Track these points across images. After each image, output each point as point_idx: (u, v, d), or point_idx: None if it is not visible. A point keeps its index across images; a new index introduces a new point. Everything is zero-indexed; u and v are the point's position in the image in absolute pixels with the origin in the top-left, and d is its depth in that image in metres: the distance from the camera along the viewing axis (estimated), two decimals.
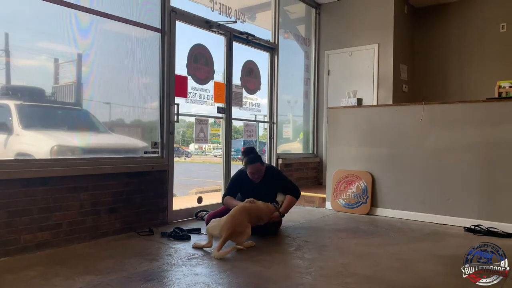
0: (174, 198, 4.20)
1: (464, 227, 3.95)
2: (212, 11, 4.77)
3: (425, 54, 6.53)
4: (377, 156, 4.73)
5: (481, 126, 4.05)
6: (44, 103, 3.33)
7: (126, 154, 3.80)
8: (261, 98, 5.65)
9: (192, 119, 4.57)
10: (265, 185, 3.76)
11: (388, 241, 3.51)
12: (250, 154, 3.78)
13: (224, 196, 3.83)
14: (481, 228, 3.83)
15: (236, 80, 5.11)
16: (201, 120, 4.57)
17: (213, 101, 4.75)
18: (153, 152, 3.99)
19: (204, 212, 4.25)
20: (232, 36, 4.95)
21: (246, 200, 3.48)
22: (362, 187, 4.77)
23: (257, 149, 5.91)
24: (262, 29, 5.72)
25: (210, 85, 4.70)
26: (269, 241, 3.42)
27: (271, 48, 5.73)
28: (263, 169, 3.76)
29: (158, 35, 4.02)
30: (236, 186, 3.82)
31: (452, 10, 6.28)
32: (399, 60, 6.05)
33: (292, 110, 6.46)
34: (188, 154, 15.90)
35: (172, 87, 4.10)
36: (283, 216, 3.74)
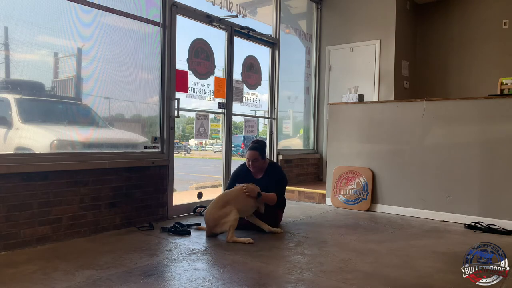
0: (174, 193, 4.19)
1: (465, 224, 3.96)
2: (213, 5, 4.74)
3: (426, 51, 6.51)
4: (377, 153, 4.72)
5: (483, 123, 4.03)
6: (44, 97, 3.31)
7: (126, 149, 3.79)
8: (262, 93, 5.63)
9: (192, 114, 4.55)
10: (266, 181, 3.75)
11: (388, 237, 3.51)
12: (255, 144, 3.84)
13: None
14: (481, 225, 3.83)
15: (237, 75, 5.09)
16: (202, 116, 4.55)
17: (213, 96, 4.73)
18: (153, 147, 3.98)
19: (203, 208, 4.26)
20: (233, 31, 4.93)
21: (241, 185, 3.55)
22: (362, 184, 4.76)
23: None
24: (263, 24, 5.69)
25: (210, 80, 4.68)
26: (269, 236, 3.42)
27: (272, 43, 5.70)
28: (259, 161, 3.76)
29: (159, 29, 4.00)
30: (236, 182, 3.81)
31: (454, 7, 6.25)
32: (401, 56, 6.02)
33: (293, 106, 6.44)
34: (188, 150, 15.90)
35: (172, 82, 4.08)
36: (260, 196, 3.48)
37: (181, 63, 4.28)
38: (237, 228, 3.32)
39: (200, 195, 4.59)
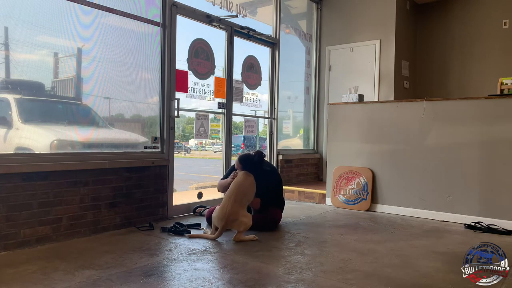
0: (174, 193, 4.20)
1: (465, 224, 3.95)
2: (213, 5, 4.74)
3: (427, 51, 6.51)
4: (377, 153, 4.72)
5: (483, 123, 4.03)
6: (44, 97, 3.31)
7: (126, 149, 3.79)
8: (262, 93, 5.63)
9: (192, 114, 4.55)
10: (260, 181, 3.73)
11: (388, 237, 3.51)
12: (248, 157, 3.69)
13: (220, 180, 3.96)
14: (481, 225, 3.83)
15: (237, 75, 5.09)
16: (202, 116, 4.55)
17: (213, 96, 4.73)
18: (153, 147, 3.98)
19: (203, 208, 4.27)
20: (233, 31, 4.93)
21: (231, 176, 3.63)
22: (362, 184, 4.76)
23: (257, 145, 5.92)
24: (263, 24, 5.69)
25: (210, 80, 4.68)
26: (269, 236, 3.42)
27: (272, 43, 5.70)
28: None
29: (159, 29, 4.00)
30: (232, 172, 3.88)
31: (454, 6, 6.25)
32: (401, 56, 6.02)
33: (293, 106, 6.44)
34: (187, 150, 15.88)
35: (172, 82, 4.08)
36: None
37: (181, 63, 4.28)
38: None
39: (200, 195, 4.59)
